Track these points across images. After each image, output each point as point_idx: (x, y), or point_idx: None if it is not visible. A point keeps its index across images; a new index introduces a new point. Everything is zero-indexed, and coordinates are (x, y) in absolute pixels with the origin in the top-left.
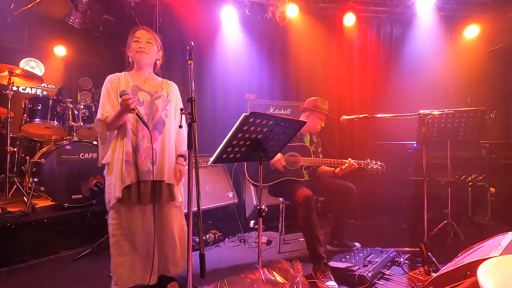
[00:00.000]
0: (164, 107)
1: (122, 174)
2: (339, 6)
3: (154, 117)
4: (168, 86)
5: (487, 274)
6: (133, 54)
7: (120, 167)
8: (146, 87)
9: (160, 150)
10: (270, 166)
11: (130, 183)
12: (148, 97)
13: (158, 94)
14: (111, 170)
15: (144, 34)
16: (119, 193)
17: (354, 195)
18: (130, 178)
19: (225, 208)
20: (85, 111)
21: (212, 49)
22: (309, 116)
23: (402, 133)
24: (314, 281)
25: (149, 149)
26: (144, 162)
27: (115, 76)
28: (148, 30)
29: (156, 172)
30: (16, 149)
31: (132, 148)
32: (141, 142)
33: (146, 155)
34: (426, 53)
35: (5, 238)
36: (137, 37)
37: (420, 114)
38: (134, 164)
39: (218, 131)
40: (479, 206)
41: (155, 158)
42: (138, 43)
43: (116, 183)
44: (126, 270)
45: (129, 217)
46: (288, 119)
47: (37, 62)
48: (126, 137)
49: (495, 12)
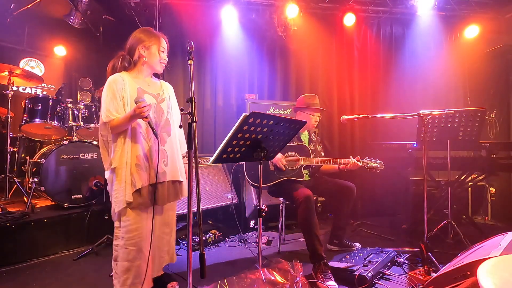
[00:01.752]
0: (168, 109)
1: (132, 178)
2: (339, 6)
3: (161, 119)
4: (167, 88)
5: (487, 274)
6: (155, 62)
7: (129, 171)
8: (150, 90)
9: (170, 151)
10: (269, 166)
11: (141, 186)
12: (153, 100)
13: (162, 96)
14: (119, 175)
15: (166, 46)
16: (129, 197)
17: (354, 195)
18: (141, 181)
19: (225, 208)
20: (85, 111)
21: (212, 49)
22: (300, 114)
23: (402, 133)
24: (314, 281)
25: (161, 152)
26: (159, 164)
27: (118, 76)
28: (167, 41)
29: (170, 172)
30: (16, 149)
31: (144, 151)
32: (153, 145)
33: (159, 157)
34: (426, 53)
35: (5, 238)
36: (164, 48)
37: (420, 114)
38: (147, 168)
39: (218, 131)
40: (479, 206)
41: (167, 159)
42: (163, 53)
43: (126, 188)
44: (130, 276)
45: (137, 221)
46: (288, 119)
47: (37, 62)
48: (136, 141)
49: (494, 12)
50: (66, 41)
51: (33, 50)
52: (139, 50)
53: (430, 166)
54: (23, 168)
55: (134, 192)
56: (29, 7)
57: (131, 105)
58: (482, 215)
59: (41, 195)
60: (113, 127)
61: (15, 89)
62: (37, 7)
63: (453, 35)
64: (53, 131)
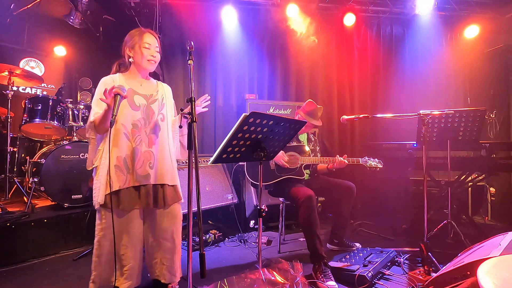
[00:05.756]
0: (160, 110)
1: (108, 179)
2: (339, 6)
3: (151, 121)
4: (163, 89)
5: (487, 274)
6: (141, 60)
7: (107, 171)
8: (142, 90)
9: (159, 154)
10: (270, 166)
11: (119, 188)
12: (144, 101)
13: (154, 97)
14: (97, 174)
15: (154, 41)
16: (102, 198)
17: (354, 195)
18: (119, 183)
19: (225, 208)
20: (85, 111)
21: (212, 49)
22: (300, 119)
23: (402, 133)
24: (314, 281)
25: (147, 153)
26: (142, 166)
27: (109, 78)
28: (155, 36)
29: (156, 175)
30: (16, 149)
31: (127, 153)
32: (139, 147)
33: (144, 159)
34: (426, 53)
35: (5, 238)
36: (148, 43)
37: (420, 114)
38: (128, 169)
39: (218, 131)
40: (479, 206)
41: (153, 162)
42: (149, 50)
43: (101, 188)
44: (105, 270)
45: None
46: (288, 119)
47: (37, 62)
48: (119, 142)
49: (494, 12)
50: (66, 41)
51: (33, 50)
52: (126, 52)
53: (430, 166)
54: (23, 168)
55: (112, 193)
56: (29, 7)
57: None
58: (482, 215)
59: (41, 195)
60: (96, 126)
61: (15, 89)
62: (37, 7)
63: (453, 35)
64: (53, 131)
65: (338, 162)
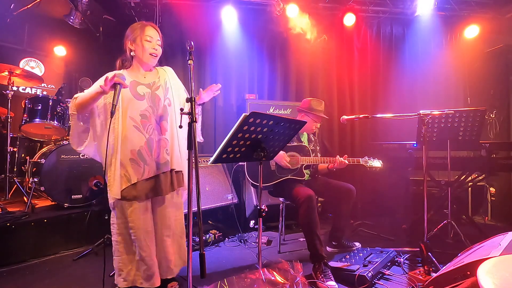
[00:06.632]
0: (165, 96)
1: (126, 173)
2: (339, 6)
3: (158, 108)
4: (164, 72)
5: (487, 274)
6: (142, 54)
7: (119, 166)
8: (145, 81)
9: (171, 140)
10: (270, 166)
11: (137, 181)
12: (147, 89)
13: (157, 84)
14: (111, 171)
15: (155, 34)
16: (117, 193)
17: (353, 197)
18: (136, 175)
19: (225, 208)
20: None
21: (212, 49)
22: (304, 117)
23: (402, 133)
24: (314, 281)
25: (162, 141)
26: (161, 154)
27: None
28: (157, 30)
29: (172, 161)
30: (16, 149)
31: (141, 145)
32: (153, 136)
33: (160, 147)
34: (426, 53)
35: (5, 238)
36: (150, 36)
37: (420, 114)
38: (144, 161)
39: (218, 131)
40: (479, 206)
41: (169, 148)
42: (150, 43)
43: (116, 183)
44: (133, 268)
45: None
46: (288, 119)
47: (37, 62)
48: (129, 136)
49: (494, 12)
50: (66, 41)
51: (33, 50)
52: (128, 45)
53: (430, 166)
54: (23, 168)
55: (130, 186)
56: (29, 7)
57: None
58: (482, 215)
59: (41, 195)
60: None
61: (15, 89)
62: (37, 7)
63: (453, 35)
64: (53, 131)
65: (339, 163)
